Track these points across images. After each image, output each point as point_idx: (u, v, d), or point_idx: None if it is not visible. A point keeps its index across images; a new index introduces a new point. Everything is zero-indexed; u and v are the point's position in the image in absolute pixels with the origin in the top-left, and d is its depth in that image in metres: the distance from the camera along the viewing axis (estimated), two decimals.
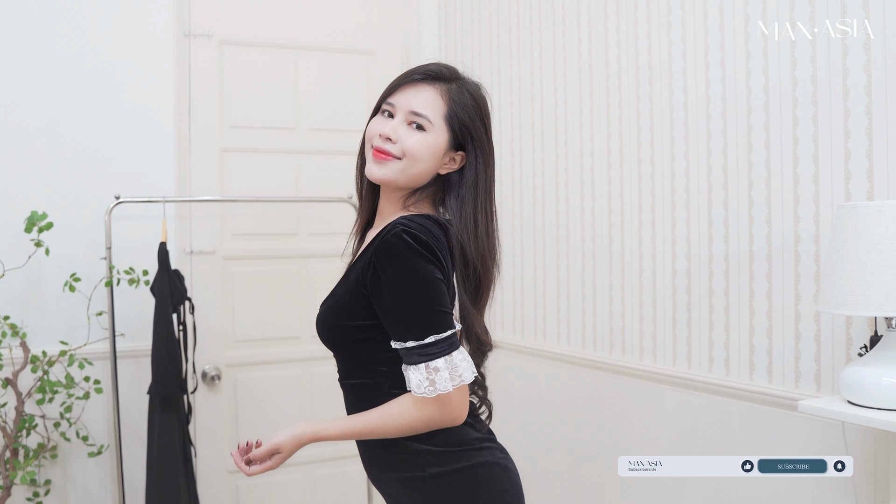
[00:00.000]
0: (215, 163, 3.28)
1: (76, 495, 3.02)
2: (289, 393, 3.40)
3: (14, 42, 2.92)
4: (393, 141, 1.62)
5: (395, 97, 1.66)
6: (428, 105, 1.63)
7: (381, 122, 1.66)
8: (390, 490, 1.66)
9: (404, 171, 1.62)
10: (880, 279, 1.57)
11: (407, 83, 1.66)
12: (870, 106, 1.88)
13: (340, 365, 1.69)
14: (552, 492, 2.93)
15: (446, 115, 1.64)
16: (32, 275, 2.91)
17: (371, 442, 1.65)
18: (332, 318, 1.62)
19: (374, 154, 1.63)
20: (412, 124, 1.63)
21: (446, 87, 1.66)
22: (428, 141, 1.63)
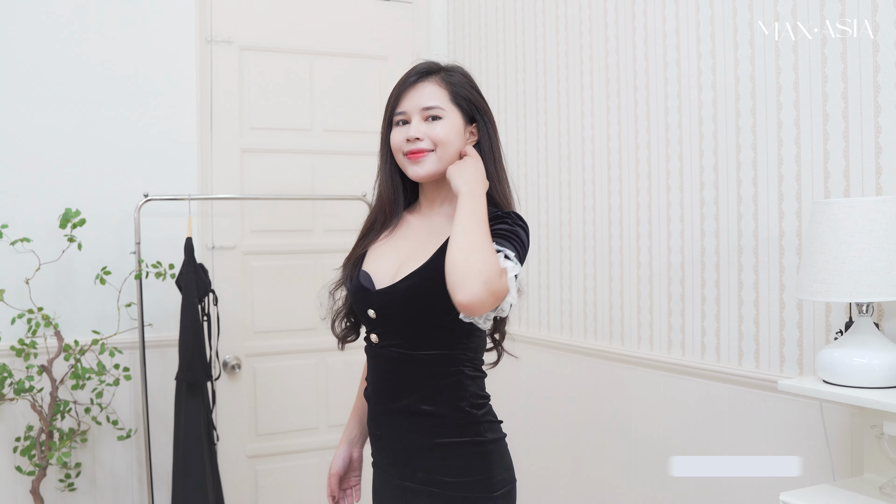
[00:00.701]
0: (236, 162, 3.45)
1: (104, 478, 3.20)
2: (305, 381, 3.57)
3: (47, 49, 3.10)
4: (420, 139, 1.79)
5: (403, 105, 1.83)
6: (434, 97, 1.81)
7: (402, 130, 1.82)
8: (438, 455, 1.76)
9: (441, 158, 1.80)
10: (850, 269, 1.73)
11: (406, 89, 1.83)
12: (846, 111, 2.04)
13: (409, 339, 1.77)
14: (556, 471, 3.09)
15: (452, 98, 1.82)
16: (66, 268, 3.09)
17: (434, 410, 1.76)
18: (437, 288, 1.65)
19: (409, 157, 1.80)
20: (428, 118, 1.80)
21: (439, 76, 1.84)
22: (448, 125, 1.81)
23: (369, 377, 1.87)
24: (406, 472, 1.80)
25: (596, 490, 2.89)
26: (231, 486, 3.42)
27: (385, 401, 1.81)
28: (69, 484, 3.03)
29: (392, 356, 1.79)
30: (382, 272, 1.81)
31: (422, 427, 1.77)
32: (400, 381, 1.79)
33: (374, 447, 1.89)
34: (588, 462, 2.93)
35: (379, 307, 1.77)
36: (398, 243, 1.87)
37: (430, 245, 1.78)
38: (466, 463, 1.76)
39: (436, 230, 1.83)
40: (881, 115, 1.96)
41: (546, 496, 3.14)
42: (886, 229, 1.72)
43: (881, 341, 1.79)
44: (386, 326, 1.78)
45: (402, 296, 1.74)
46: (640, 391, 2.70)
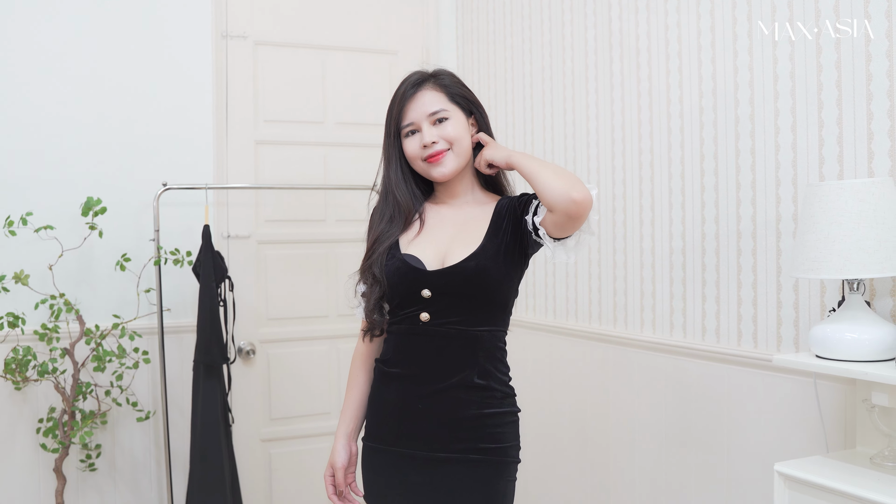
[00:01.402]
0: (250, 154, 3.55)
1: (124, 459, 3.30)
2: (317, 367, 3.67)
3: (67, 45, 3.20)
4: (436, 142, 1.95)
5: (408, 116, 1.99)
6: (435, 102, 1.98)
7: (414, 139, 1.99)
8: (486, 425, 1.90)
9: (458, 154, 1.98)
10: (840, 247, 1.81)
11: (407, 100, 1.99)
12: (840, 99, 2.13)
13: (468, 315, 1.91)
14: (562, 450, 3.18)
15: (450, 99, 2.00)
16: (87, 255, 3.19)
17: (486, 384, 1.91)
18: (495, 268, 1.90)
19: (430, 161, 1.97)
20: (436, 122, 1.97)
21: (432, 83, 2.01)
22: (456, 123, 1.98)
23: (407, 356, 1.95)
24: (443, 443, 1.90)
25: (601, 466, 2.98)
26: (246, 468, 3.52)
27: (434, 377, 1.91)
28: (90, 464, 3.14)
29: (448, 333, 1.91)
30: (429, 256, 1.95)
31: (474, 400, 1.91)
32: (454, 356, 1.91)
33: (390, 426, 1.96)
34: (592, 441, 3.02)
35: (437, 286, 1.90)
36: (434, 232, 2.01)
37: (473, 231, 1.96)
38: (505, 431, 1.93)
39: (470, 218, 2.00)
40: (873, 103, 2.05)
41: (550, 474, 3.24)
42: (875, 210, 1.80)
43: (871, 317, 1.88)
44: (442, 304, 1.90)
45: (468, 274, 1.89)
46: (643, 372, 2.79)
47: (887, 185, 1.82)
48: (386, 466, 1.97)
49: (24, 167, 3.14)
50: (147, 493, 3.33)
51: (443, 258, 1.94)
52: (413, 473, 1.93)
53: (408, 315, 1.94)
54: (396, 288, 1.95)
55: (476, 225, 1.97)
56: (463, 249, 1.93)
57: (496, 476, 1.91)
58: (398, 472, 1.95)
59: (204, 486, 3.04)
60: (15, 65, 3.13)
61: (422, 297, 1.91)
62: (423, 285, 1.91)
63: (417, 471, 1.92)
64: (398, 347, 1.97)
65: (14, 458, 3.12)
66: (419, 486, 1.92)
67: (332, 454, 2.08)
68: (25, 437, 3.13)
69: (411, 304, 1.93)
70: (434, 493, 1.91)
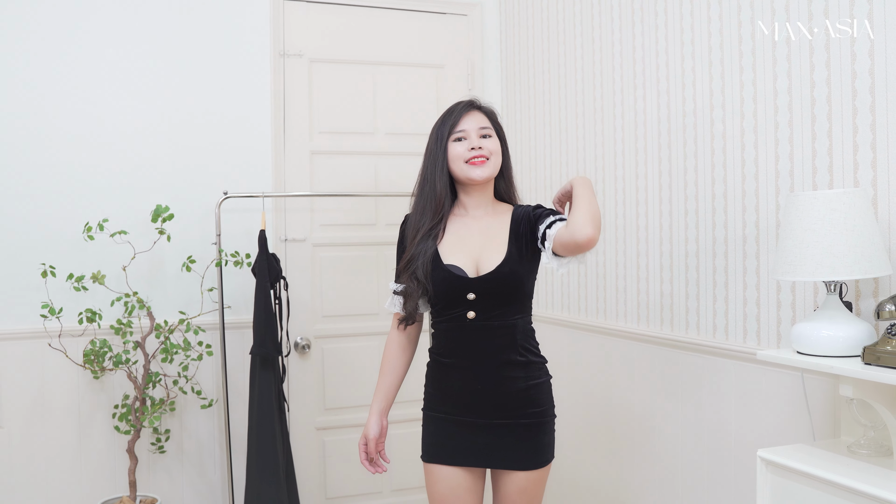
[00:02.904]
0: (306, 163, 3.83)
1: (190, 442, 3.62)
2: (368, 361, 3.94)
3: (140, 66, 3.54)
4: (482, 148, 2.39)
5: (462, 125, 2.42)
6: (484, 122, 2.45)
7: (462, 144, 2.41)
8: (531, 393, 2.37)
9: (495, 165, 2.41)
10: (813, 252, 1.98)
11: (463, 114, 2.44)
12: (830, 113, 2.28)
13: (506, 309, 2.34)
14: (591, 440, 3.38)
15: (493, 125, 2.47)
16: (157, 257, 3.52)
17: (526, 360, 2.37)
18: (523, 269, 2.35)
19: (473, 162, 2.39)
20: (482, 136, 2.42)
21: (482, 110, 2.50)
22: (496, 142, 2.45)
23: (460, 348, 2.37)
24: (499, 413, 2.35)
25: (616, 460, 3.17)
26: (302, 454, 3.80)
27: (485, 361, 2.34)
28: (160, 447, 3.46)
29: (491, 325, 2.34)
30: (467, 264, 2.36)
31: (520, 375, 2.36)
32: (498, 342, 2.35)
33: (454, 402, 2.38)
34: (618, 428, 3.21)
35: (480, 290, 2.33)
36: (463, 242, 2.40)
37: (496, 239, 2.39)
38: (545, 395, 2.42)
39: (490, 226, 2.42)
40: (858, 117, 2.20)
41: (567, 461, 3.43)
42: (845, 218, 1.96)
43: (846, 316, 2.04)
44: (484, 304, 2.33)
45: (505, 278, 2.32)
46: (661, 366, 2.96)
47: (856, 195, 1.98)
48: (453, 432, 2.40)
49: (101, 179, 3.48)
50: (211, 474, 3.64)
51: (476, 264, 2.36)
52: (476, 437, 2.37)
53: (455, 314, 2.36)
54: (445, 294, 2.35)
55: (497, 233, 2.40)
56: (494, 256, 2.35)
57: (541, 432, 2.39)
58: (464, 437, 2.38)
59: (260, 468, 3.33)
60: (93, 87, 3.48)
61: (467, 299, 2.34)
62: (469, 290, 2.33)
63: (479, 434, 2.37)
64: (449, 340, 2.39)
65: (93, 439, 3.47)
66: (481, 445, 2.37)
67: (367, 426, 2.50)
68: (103, 422, 3.47)
69: (458, 306, 2.35)
70: (494, 451, 2.36)
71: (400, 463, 3.97)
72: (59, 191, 3.43)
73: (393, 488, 3.99)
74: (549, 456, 2.42)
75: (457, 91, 4.08)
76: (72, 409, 3.44)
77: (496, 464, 2.38)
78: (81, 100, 3.47)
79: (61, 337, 3.34)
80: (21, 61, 3.38)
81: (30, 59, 3.39)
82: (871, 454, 2.05)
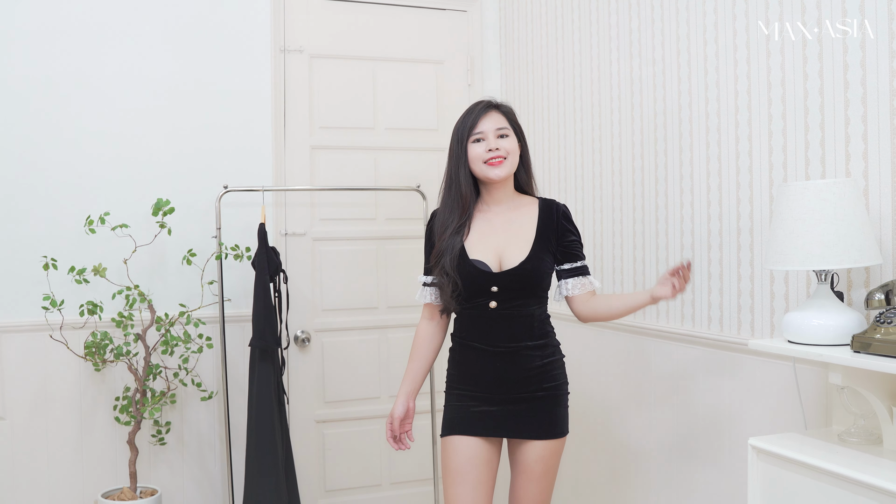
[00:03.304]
0: (306, 158, 3.86)
1: (191, 435, 3.65)
2: (367, 354, 3.96)
3: (143, 62, 3.57)
4: (499, 149, 2.53)
5: (480, 126, 2.56)
6: (501, 122, 2.58)
7: (481, 145, 2.55)
8: (547, 370, 2.56)
9: (512, 164, 2.56)
10: (803, 241, 2.00)
11: (481, 116, 2.58)
12: (823, 105, 2.30)
13: (525, 300, 2.54)
14: (586, 431, 3.40)
15: (510, 124, 2.60)
16: (158, 251, 3.55)
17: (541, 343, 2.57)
18: (544, 265, 2.56)
19: (491, 163, 2.53)
20: (499, 136, 2.56)
21: (500, 109, 2.62)
22: (512, 141, 2.58)
23: (482, 333, 2.55)
24: (517, 389, 2.54)
25: (611, 451, 3.19)
26: (302, 447, 3.83)
27: (504, 345, 2.53)
28: (160, 439, 3.49)
29: (511, 314, 2.53)
30: (491, 258, 2.54)
31: (536, 355, 2.56)
32: (516, 328, 2.54)
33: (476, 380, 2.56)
34: (617, 416, 3.23)
35: (503, 284, 2.51)
36: (487, 238, 2.58)
37: (521, 234, 2.58)
38: (558, 373, 2.61)
39: (513, 220, 2.60)
40: (850, 109, 2.22)
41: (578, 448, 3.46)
42: (835, 207, 1.98)
43: (837, 306, 2.06)
44: (506, 295, 2.52)
45: (526, 273, 2.52)
46: (658, 359, 2.99)
47: (846, 185, 2.00)
48: (472, 406, 2.57)
49: (103, 172, 3.51)
50: (211, 466, 3.67)
51: (500, 258, 2.55)
52: (494, 410, 2.55)
53: (479, 304, 2.55)
54: (471, 287, 2.54)
55: (520, 228, 2.60)
56: (518, 252, 2.55)
57: (556, 405, 2.57)
58: (482, 410, 2.56)
59: (258, 459, 3.36)
60: (95, 82, 3.51)
61: (491, 291, 2.52)
62: (492, 284, 2.52)
63: (497, 407, 2.55)
64: (473, 326, 2.58)
65: (94, 431, 3.50)
66: (499, 417, 2.54)
67: (394, 407, 2.68)
68: (104, 414, 3.50)
69: (481, 297, 2.54)
70: (511, 422, 2.54)
71: (399, 455, 4.00)
72: (60, 185, 3.46)
73: (392, 481, 4.02)
74: (563, 428, 2.60)
75: (456, 87, 4.10)
76: (73, 401, 3.47)
77: (513, 433, 2.55)
78: (83, 94, 3.49)
79: (63, 329, 3.37)
80: (22, 56, 3.41)
81: (31, 55, 3.42)
82: (860, 442, 2.07)
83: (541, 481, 2.57)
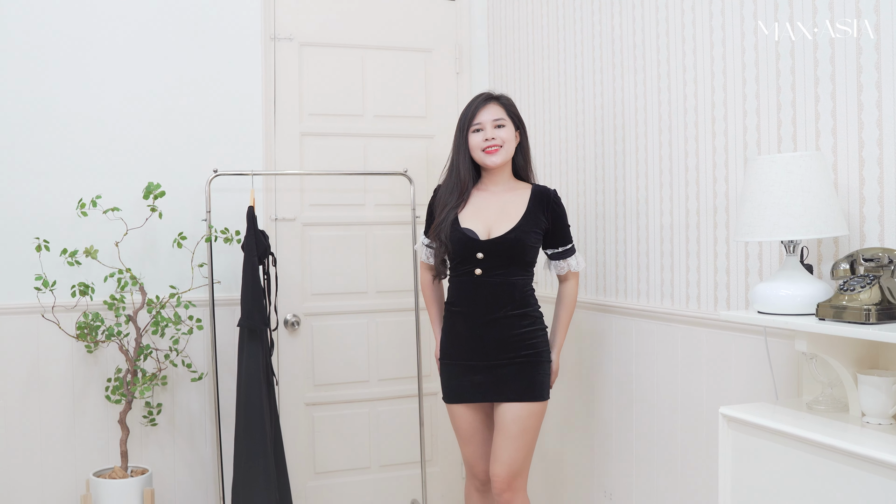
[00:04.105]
0: (296, 145, 3.91)
1: (181, 416, 3.70)
2: (356, 338, 4.02)
3: (134, 48, 3.62)
4: (495, 139, 2.85)
5: (479, 118, 2.88)
6: (499, 113, 2.89)
7: (479, 135, 2.88)
8: (529, 336, 2.84)
9: (507, 151, 2.88)
10: (770, 213, 2.05)
11: (480, 107, 2.89)
12: (794, 84, 2.36)
13: (508, 269, 2.82)
14: (570, 407, 3.46)
15: (508, 115, 2.91)
16: (149, 234, 3.60)
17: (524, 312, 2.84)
18: (529, 239, 2.83)
19: (488, 151, 2.86)
20: (496, 126, 2.87)
21: (498, 101, 2.93)
22: (509, 131, 2.90)
23: (468, 298, 2.85)
24: (498, 354, 2.82)
25: (594, 426, 3.25)
26: (291, 430, 3.88)
27: (488, 311, 2.82)
28: (151, 419, 3.54)
29: (495, 281, 2.82)
30: (480, 229, 2.84)
31: (517, 323, 2.83)
32: (500, 296, 2.82)
33: (461, 347, 2.87)
34: (598, 395, 3.28)
35: (488, 251, 2.81)
36: (481, 211, 2.88)
37: (511, 211, 2.87)
38: (538, 341, 2.87)
39: (507, 201, 2.90)
40: (819, 86, 2.28)
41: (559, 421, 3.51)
42: (801, 179, 2.04)
43: (805, 276, 2.11)
44: (491, 263, 2.81)
45: (510, 243, 2.80)
46: (638, 338, 3.04)
47: (813, 158, 2.06)
48: (460, 375, 2.89)
49: (95, 156, 3.57)
50: (202, 447, 3.72)
51: (489, 230, 2.83)
52: (478, 376, 2.85)
53: (466, 270, 2.85)
54: (459, 252, 2.84)
55: (513, 206, 2.88)
56: (505, 225, 2.83)
57: (534, 370, 2.84)
58: (469, 377, 2.86)
59: (247, 438, 3.40)
60: (87, 68, 3.56)
61: (476, 258, 2.82)
62: (478, 250, 2.81)
63: (482, 374, 2.84)
64: (460, 293, 2.88)
65: (86, 412, 3.55)
66: (485, 384, 2.84)
67: (436, 349, 3.03)
68: (96, 395, 3.55)
69: (469, 263, 2.84)
70: (494, 387, 2.83)
71: (387, 438, 4.05)
72: (53, 168, 3.51)
73: (381, 464, 4.07)
74: (543, 393, 2.85)
75: (445, 75, 4.16)
76: (66, 383, 3.53)
77: (496, 398, 2.84)
78: (75, 80, 3.55)
79: (55, 310, 3.42)
80: (15, 42, 3.46)
81: (24, 41, 3.48)
82: (828, 409, 2.13)
83: (517, 440, 2.81)
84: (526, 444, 2.82)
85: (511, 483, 2.83)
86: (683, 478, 2.83)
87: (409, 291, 4.06)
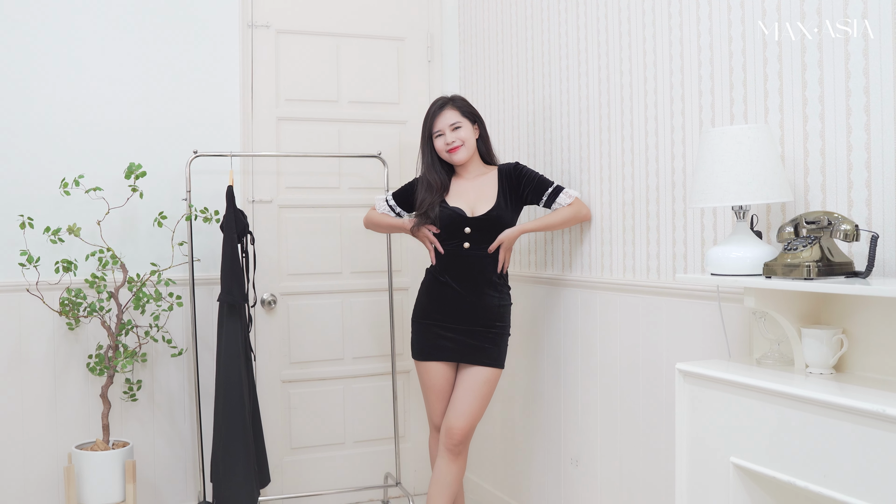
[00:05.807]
0: (273, 129, 4.04)
1: (161, 392, 3.81)
2: (330, 317, 4.14)
3: (115, 36, 3.73)
4: (454, 141, 3.22)
5: (437, 125, 3.25)
6: (453, 117, 3.25)
7: (440, 139, 3.25)
8: (497, 310, 3.21)
9: (469, 147, 3.26)
10: (721, 180, 2.22)
11: (437, 115, 3.25)
12: (745, 64, 2.53)
13: (489, 242, 3.18)
14: (539, 370, 3.61)
15: (462, 114, 3.26)
16: (130, 213, 3.71)
17: (500, 283, 3.23)
18: (507, 215, 3.21)
19: (450, 152, 3.23)
20: (454, 129, 3.23)
21: (451, 104, 3.27)
22: (466, 130, 3.26)
23: (455, 269, 3.21)
24: (478, 321, 3.19)
25: (561, 388, 3.40)
26: (268, 406, 4.00)
27: (471, 282, 3.19)
28: (132, 395, 3.64)
29: (478, 256, 3.20)
30: (466, 208, 3.21)
31: (495, 295, 3.22)
32: (481, 268, 3.20)
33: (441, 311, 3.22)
34: (564, 365, 3.44)
35: (475, 226, 3.18)
36: (462, 195, 3.26)
37: (487, 193, 3.24)
38: (507, 314, 3.28)
39: (481, 184, 3.27)
40: (767, 66, 2.45)
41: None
42: (750, 150, 2.20)
43: (754, 240, 2.28)
44: (477, 238, 3.19)
45: (493, 218, 3.18)
46: (601, 309, 3.20)
47: (760, 129, 2.22)
48: (436, 335, 3.23)
49: (78, 137, 3.67)
50: (181, 422, 3.83)
51: (472, 209, 3.21)
52: (454, 338, 3.21)
53: (454, 244, 3.21)
54: (449, 227, 3.20)
55: (488, 188, 3.26)
56: (486, 204, 3.22)
57: (501, 341, 3.24)
58: (445, 339, 3.22)
59: (226, 414, 3.51)
60: (70, 51, 3.66)
61: (465, 233, 3.20)
62: (466, 225, 3.19)
63: (457, 336, 3.21)
64: (448, 264, 3.23)
65: (68, 388, 3.65)
66: (458, 346, 3.20)
67: (408, 226, 3.33)
68: (78, 371, 3.65)
69: (457, 237, 3.20)
70: (465, 350, 3.20)
71: (361, 415, 4.18)
72: (37, 149, 3.61)
73: (355, 440, 4.20)
74: (502, 362, 3.24)
75: (417, 62, 4.30)
76: (48, 359, 3.62)
77: (465, 359, 3.21)
78: (58, 63, 3.65)
79: (38, 286, 3.52)
80: None
81: (6, 25, 3.57)
82: (776, 364, 2.29)
83: (480, 399, 3.19)
84: (480, 401, 3.20)
85: (466, 436, 3.19)
86: (646, 438, 2.99)
87: (382, 272, 4.19)
